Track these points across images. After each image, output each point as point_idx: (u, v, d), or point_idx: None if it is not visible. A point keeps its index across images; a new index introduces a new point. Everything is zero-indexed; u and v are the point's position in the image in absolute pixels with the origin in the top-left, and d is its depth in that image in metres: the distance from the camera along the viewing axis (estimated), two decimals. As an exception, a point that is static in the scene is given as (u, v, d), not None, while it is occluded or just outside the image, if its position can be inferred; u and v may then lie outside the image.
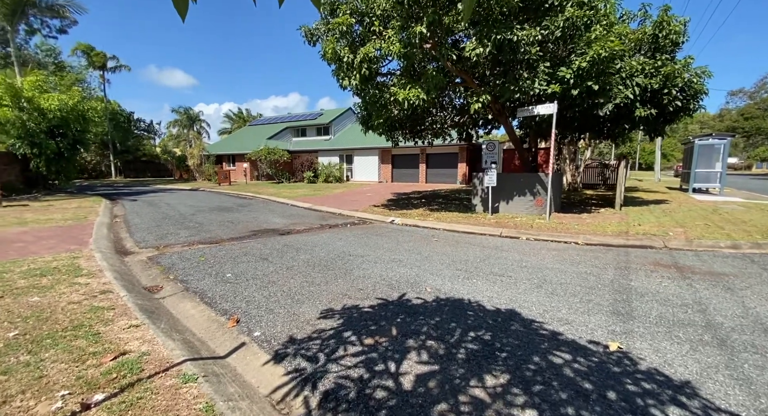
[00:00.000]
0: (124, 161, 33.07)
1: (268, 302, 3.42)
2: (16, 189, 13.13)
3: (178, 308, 3.30)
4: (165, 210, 10.60)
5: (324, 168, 24.35)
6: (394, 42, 7.34)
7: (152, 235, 6.77)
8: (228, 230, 7.35)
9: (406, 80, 7.99)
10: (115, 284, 3.59)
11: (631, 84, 8.24)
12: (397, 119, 10.48)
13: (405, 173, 23.75)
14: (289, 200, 13.52)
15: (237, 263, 4.76)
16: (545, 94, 8.04)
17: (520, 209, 9.29)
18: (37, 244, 5.49)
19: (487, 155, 9.01)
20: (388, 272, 4.32)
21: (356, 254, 5.26)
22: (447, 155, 21.64)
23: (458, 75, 8.83)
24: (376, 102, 8.59)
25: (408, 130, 12.33)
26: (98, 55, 28.47)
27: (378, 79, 9.46)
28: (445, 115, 12.61)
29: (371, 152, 24.65)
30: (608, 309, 3.18)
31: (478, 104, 7.56)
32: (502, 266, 4.58)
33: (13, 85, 12.11)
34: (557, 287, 3.80)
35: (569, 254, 5.24)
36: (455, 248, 5.65)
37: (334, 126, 28.92)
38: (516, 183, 9.33)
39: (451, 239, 6.50)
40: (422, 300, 3.43)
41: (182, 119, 53.36)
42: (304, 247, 5.72)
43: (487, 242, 6.22)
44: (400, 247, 5.73)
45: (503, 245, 5.94)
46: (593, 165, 18.95)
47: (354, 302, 3.40)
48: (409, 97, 7.55)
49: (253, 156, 24.12)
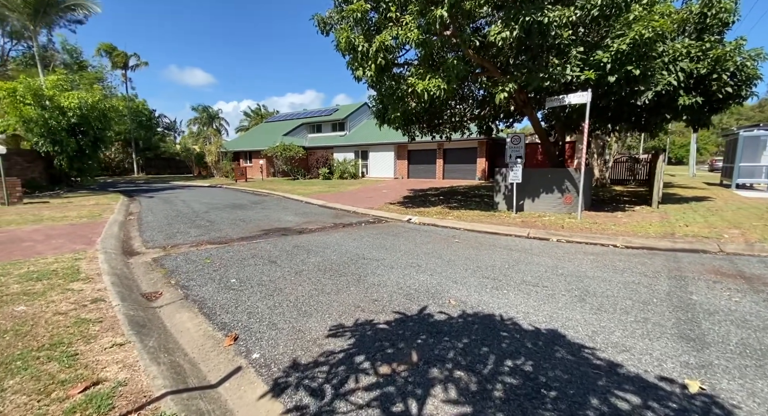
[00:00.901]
0: (146, 158, 33.89)
1: (272, 314, 3.06)
2: (40, 186, 13.43)
3: (173, 320, 2.98)
4: (179, 207, 10.52)
5: (339, 164, 24.07)
6: (412, 28, 6.83)
7: (162, 234, 6.57)
8: (239, 229, 7.09)
9: (424, 70, 7.47)
10: (110, 291, 3.31)
11: (675, 69, 7.44)
12: (415, 113, 9.97)
13: (421, 169, 23.17)
14: (304, 197, 13.27)
15: (243, 267, 4.44)
16: (577, 82, 7.37)
17: (546, 207, 8.65)
18: (45, 243, 5.36)
19: (511, 149, 8.40)
20: (405, 280, 3.89)
21: (370, 257, 4.85)
22: (465, 150, 20.91)
23: (480, 64, 8.23)
24: (393, 94, 8.11)
25: (425, 124, 11.80)
26: (119, 55, 29.13)
27: (395, 70, 8.97)
28: (464, 107, 12.01)
29: (387, 147, 24.18)
30: (673, 332, 2.64)
31: (504, 93, 6.96)
32: (535, 274, 4.06)
33: (34, 84, 12.31)
34: (604, 301, 3.26)
35: (610, 260, 4.66)
36: (479, 252, 5.15)
37: (350, 122, 28.57)
38: (542, 179, 8.68)
39: (473, 240, 5.99)
40: (446, 315, 2.98)
41: (202, 116, 54.39)
42: (316, 248, 5.36)
43: (513, 244, 5.69)
44: (418, 249, 5.28)
45: (532, 247, 5.40)
46: (622, 160, 17.84)
47: (368, 316, 2.99)
48: (428, 87, 7.04)
49: (269, 153, 24.09)
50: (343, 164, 24.09)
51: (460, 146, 20.68)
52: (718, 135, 50.59)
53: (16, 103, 12.17)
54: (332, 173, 23.89)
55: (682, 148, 57.11)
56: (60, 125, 12.86)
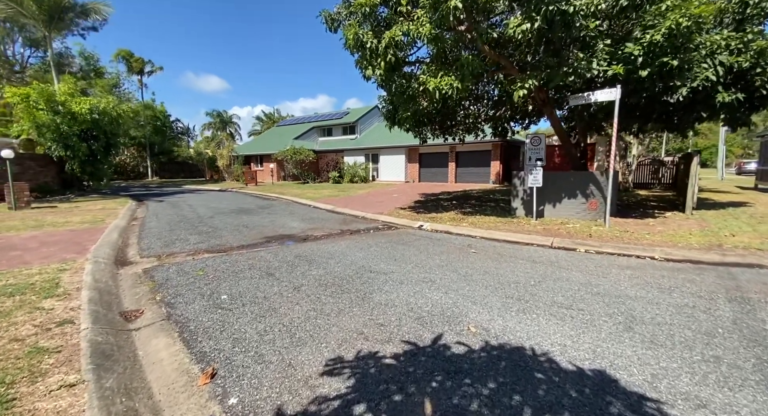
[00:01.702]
0: (160, 163, 34.38)
1: (261, 341, 2.63)
2: (52, 190, 13.50)
3: (147, 347, 2.58)
4: (185, 212, 10.29)
5: (349, 168, 23.77)
6: (424, 23, 6.40)
7: (161, 241, 6.27)
8: (241, 235, 6.73)
9: (437, 67, 7.02)
10: (83, 311, 2.94)
11: (713, 63, 6.78)
12: (426, 113, 9.51)
13: (433, 173, 22.65)
14: (312, 201, 12.93)
15: (238, 280, 4.04)
16: (604, 78, 6.79)
17: (569, 214, 8.03)
18: (36, 251, 5.09)
19: (531, 151, 7.84)
20: (417, 299, 3.41)
21: (378, 269, 4.39)
22: (479, 153, 20.30)
23: (496, 61, 7.72)
24: (403, 93, 7.68)
25: (437, 125, 11.33)
26: (137, 61, 29.73)
27: (405, 69, 8.55)
28: (479, 107, 11.49)
29: (398, 150, 23.77)
30: (758, 379, 2.09)
31: (523, 90, 6.44)
32: (567, 293, 3.52)
33: (47, 89, 12.39)
34: (656, 330, 2.72)
35: (651, 276, 4.07)
36: (499, 264, 4.63)
37: (360, 125, 28.32)
38: (565, 183, 8.07)
39: (491, 250, 5.47)
40: (465, 348, 2.49)
41: (215, 121, 55.25)
42: (319, 259, 4.93)
43: (537, 254, 5.14)
44: (431, 261, 4.79)
45: (559, 259, 4.84)
46: (645, 162, 16.93)
47: (372, 346, 2.52)
48: (440, 85, 6.58)
49: (279, 156, 23.99)
50: (353, 167, 23.77)
51: (473, 148, 20.09)
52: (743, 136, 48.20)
53: (30, 108, 12.26)
54: (342, 176, 23.59)
55: (705, 150, 54.79)
56: (72, 130, 12.91)
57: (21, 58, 25.25)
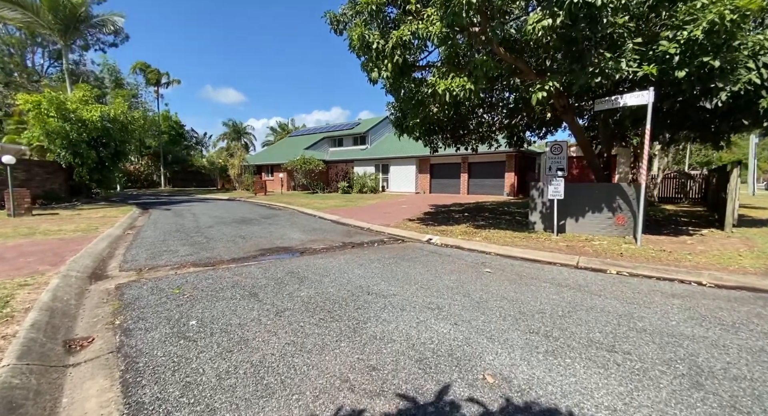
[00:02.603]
0: (173, 172, 34.81)
1: (218, 388, 2.07)
2: (58, 197, 13.47)
3: (75, 393, 2.06)
4: (186, 221, 9.96)
5: (358, 178, 23.40)
6: (434, 21, 5.96)
7: (148, 252, 5.85)
8: (235, 247, 6.26)
9: (447, 69, 6.54)
10: (18, 338, 2.46)
11: (756, 65, 6.10)
12: (437, 120, 9.03)
13: (444, 184, 22.05)
14: (318, 211, 12.48)
15: (215, 301, 3.51)
16: (632, 81, 6.19)
17: (593, 229, 7.30)
18: (11, 262, 4.71)
19: (551, 160, 7.20)
20: (420, 332, 2.81)
21: (377, 291, 3.81)
22: (492, 164, 19.65)
23: (512, 65, 7.20)
24: (412, 98, 7.22)
25: (449, 134, 10.82)
26: (153, 72, 30.49)
27: (416, 75, 8.12)
28: (493, 116, 10.94)
29: (408, 161, 23.32)
30: None
31: (543, 92, 5.87)
32: (606, 328, 2.87)
33: (58, 97, 12.49)
34: (735, 388, 2.04)
35: (706, 307, 3.36)
36: (518, 287, 3.98)
37: (371, 135, 28.10)
38: (589, 196, 7.37)
39: (508, 269, 4.82)
40: (481, 409, 1.88)
41: (230, 131, 56.27)
42: (312, 276, 4.39)
43: (561, 276, 4.47)
44: (439, 282, 4.18)
45: (588, 283, 4.16)
46: (671, 175, 15.95)
47: (357, 401, 1.94)
48: (452, 87, 6.08)
49: (289, 166, 23.85)
50: (362, 177, 23.40)
51: (486, 159, 19.47)
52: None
53: (41, 115, 12.34)
54: (351, 186, 23.23)
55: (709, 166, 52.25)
56: (81, 137, 12.93)
57: (41, 69, 26.20)
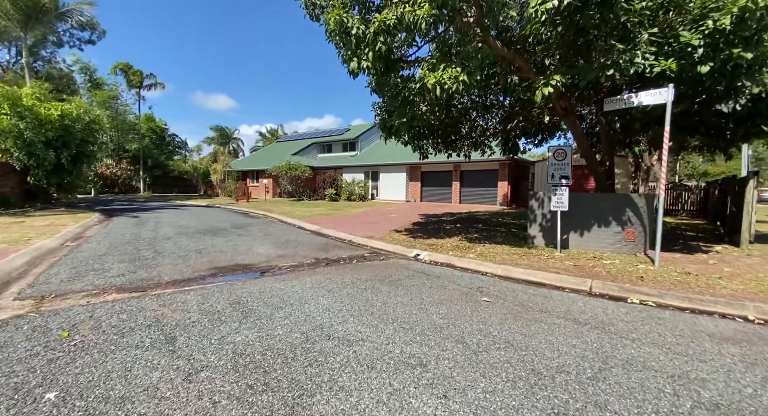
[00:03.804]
0: (153, 177, 33.30)
1: None
2: (7, 202, 12.16)
3: None
4: (144, 231, 8.86)
5: (347, 185, 22.48)
6: (423, 4, 5.15)
7: (71, 271, 4.78)
8: (183, 265, 5.24)
9: (437, 60, 5.72)
10: None
11: (780, 64, 5.42)
12: (426, 123, 8.22)
13: (436, 192, 21.26)
14: (298, 220, 11.48)
15: (109, 353, 2.52)
16: (646, 77, 5.44)
17: (600, 245, 6.49)
18: None
19: (554, 167, 6.40)
20: (392, 407, 1.86)
21: (341, 334, 2.85)
22: (485, 173, 18.95)
23: (510, 61, 6.43)
24: (398, 94, 6.37)
25: (440, 138, 10.02)
26: (135, 74, 29.25)
27: (403, 73, 7.31)
28: (487, 119, 10.20)
29: (398, 168, 22.52)
30: None
31: (548, 88, 5.08)
32: (661, 403, 1.96)
33: (12, 92, 11.33)
34: None
35: (780, 361, 2.50)
36: (526, 326, 3.07)
37: (361, 142, 27.30)
38: (594, 207, 6.57)
39: (510, 297, 3.91)
40: None
41: (217, 136, 54.93)
42: (262, 309, 3.41)
43: (576, 307, 3.58)
44: (425, 318, 3.25)
45: (612, 318, 3.28)
46: (669, 187, 15.42)
47: None
48: (442, 80, 5.25)
49: (274, 172, 22.80)
50: (350, 185, 22.48)
51: (479, 167, 18.78)
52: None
53: (-8, 112, 11.15)
54: (339, 194, 22.27)
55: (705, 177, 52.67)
56: (37, 136, 11.74)
57: (7, 64, 24.79)
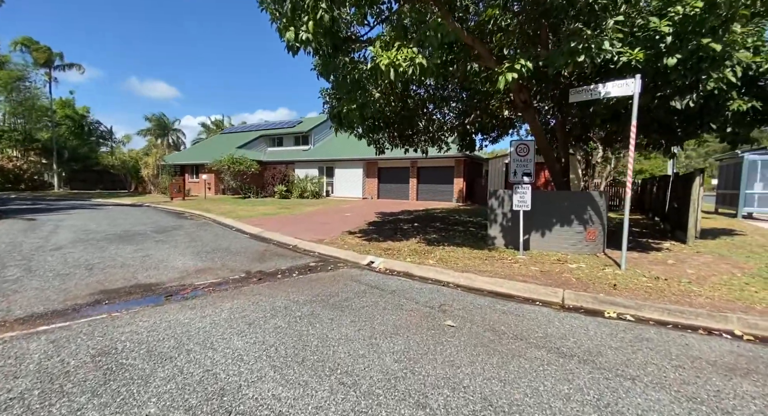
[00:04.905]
0: (71, 171, 28.70)
1: None
2: None
3: None
4: (30, 239, 7.05)
5: (299, 182, 21.05)
6: (373, -33, 4.30)
7: None
8: (55, 290, 3.91)
9: (391, 38, 4.90)
10: None
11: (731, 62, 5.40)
12: (381, 114, 7.41)
13: (393, 189, 20.67)
14: (238, 221, 10.13)
15: None
16: (613, 67, 5.11)
17: (561, 245, 6.18)
18: None
19: (516, 163, 5.92)
20: None
21: (250, 405, 1.94)
22: (441, 169, 18.69)
23: (470, 47, 5.82)
24: (347, 76, 5.47)
25: (396, 132, 9.30)
26: (40, 50, 24.69)
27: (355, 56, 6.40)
28: (445, 113, 9.67)
29: (355, 164, 21.56)
30: None
31: (513, 73, 4.51)
32: None
33: None
34: None
35: (802, 400, 2.05)
36: (504, 368, 2.39)
37: (314, 135, 25.85)
38: (557, 206, 6.24)
39: (479, 318, 3.25)
40: None
41: (154, 127, 49.60)
42: (141, 363, 2.37)
43: (555, 330, 2.99)
44: (374, 361, 2.44)
45: (600, 345, 2.72)
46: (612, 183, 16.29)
47: None
48: (397, 60, 4.45)
49: (215, 167, 20.62)
50: (303, 181, 21.08)
51: (436, 164, 18.47)
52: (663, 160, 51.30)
53: None
54: (290, 191, 20.78)
55: (640, 175, 58.63)
56: None
57: None
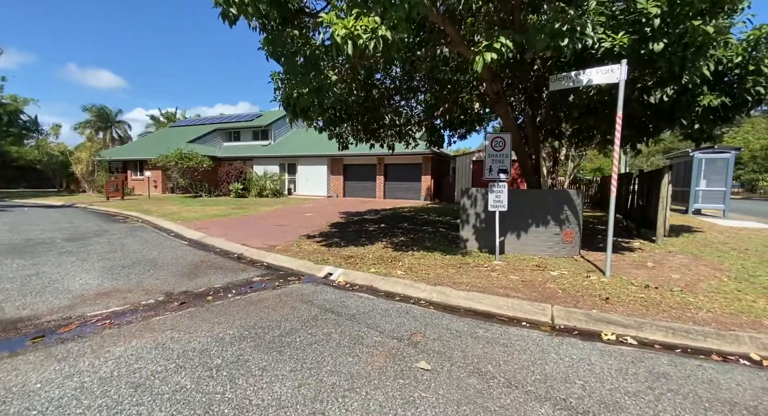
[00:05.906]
0: (-15, 167, 24.77)
1: None
2: None
3: None
4: None
5: (257, 179, 19.55)
6: None
7: None
8: None
9: (349, 4, 4.06)
10: None
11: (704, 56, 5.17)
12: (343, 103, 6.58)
13: (359, 187, 19.83)
14: (180, 224, 8.82)
15: None
16: (594, 53, 4.65)
17: (538, 248, 5.71)
18: None
19: (492, 158, 5.34)
20: None
21: None
22: (409, 166, 18.14)
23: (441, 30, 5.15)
24: (297, 52, 4.57)
25: (360, 126, 8.47)
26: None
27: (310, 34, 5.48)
28: (413, 106, 9.00)
29: (319, 160, 20.45)
30: None
31: (491, 54, 3.88)
32: None
33: None
34: None
35: None
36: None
37: (275, 130, 24.30)
38: (531, 205, 5.77)
39: (459, 356, 2.56)
40: None
41: (94, 120, 44.79)
42: None
43: (555, 368, 2.37)
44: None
45: (614, 390, 2.12)
46: (574, 180, 16.59)
47: None
48: (356, 31, 3.64)
49: (161, 162, 18.56)
50: (262, 178, 19.61)
51: (403, 161, 17.87)
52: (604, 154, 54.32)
53: None
54: (247, 189, 19.25)
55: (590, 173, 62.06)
56: None
57: None
